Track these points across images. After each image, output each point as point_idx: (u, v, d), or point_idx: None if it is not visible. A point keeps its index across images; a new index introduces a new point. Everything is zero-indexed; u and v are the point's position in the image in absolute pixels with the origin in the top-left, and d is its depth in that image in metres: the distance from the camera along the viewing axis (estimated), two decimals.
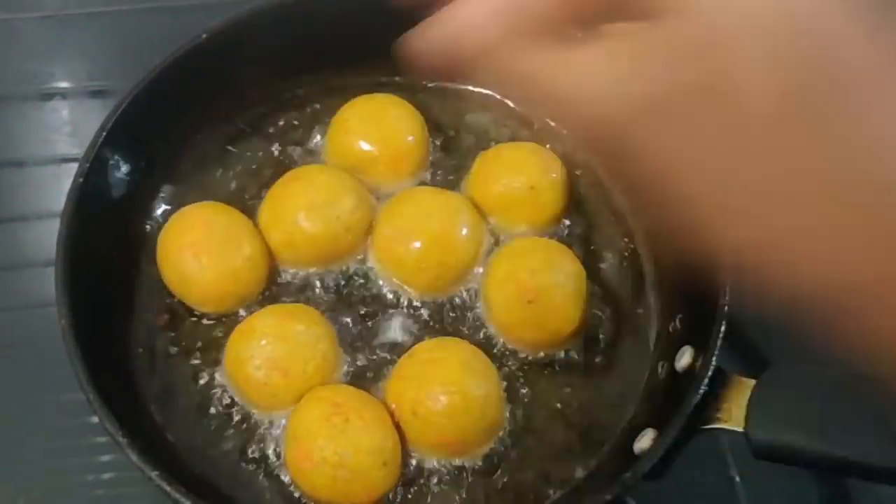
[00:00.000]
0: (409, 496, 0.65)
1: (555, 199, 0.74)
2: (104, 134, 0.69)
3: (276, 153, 0.79)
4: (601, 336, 0.72)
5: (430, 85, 0.82)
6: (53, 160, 0.94)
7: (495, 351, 0.70)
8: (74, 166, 0.90)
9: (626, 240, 0.77)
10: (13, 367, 0.79)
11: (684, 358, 0.67)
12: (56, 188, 0.91)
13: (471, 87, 0.82)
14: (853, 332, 0.36)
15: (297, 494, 0.65)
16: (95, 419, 0.72)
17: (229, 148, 0.79)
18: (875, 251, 0.35)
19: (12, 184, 0.93)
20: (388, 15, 0.75)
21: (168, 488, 0.57)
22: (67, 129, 0.96)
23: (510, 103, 0.82)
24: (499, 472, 0.67)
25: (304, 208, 0.71)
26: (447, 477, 0.66)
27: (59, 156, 0.93)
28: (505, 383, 0.68)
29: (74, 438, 0.76)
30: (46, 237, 0.85)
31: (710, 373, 0.61)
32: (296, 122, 0.81)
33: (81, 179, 0.67)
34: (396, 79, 0.82)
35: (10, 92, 0.98)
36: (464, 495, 0.65)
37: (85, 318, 0.63)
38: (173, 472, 0.59)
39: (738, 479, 0.79)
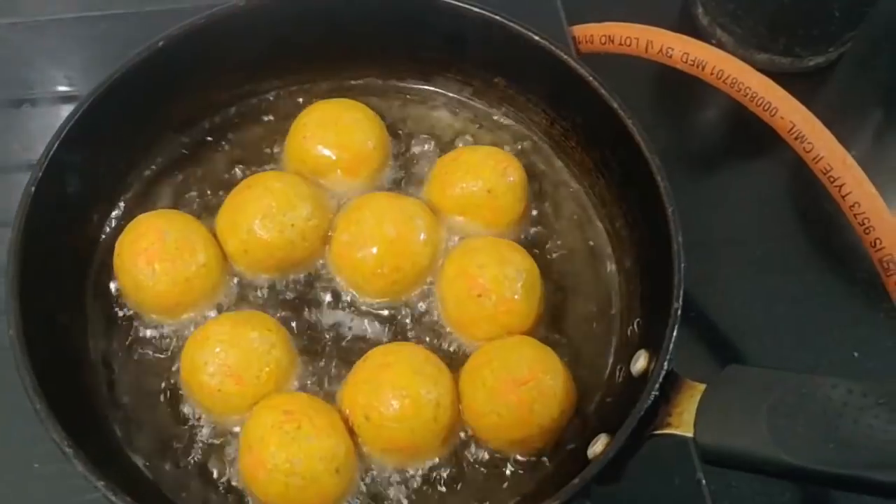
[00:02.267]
0: None
1: (512, 202, 0.74)
2: (58, 141, 0.69)
3: (236, 160, 0.78)
4: (561, 338, 0.72)
5: (393, 85, 0.82)
6: (29, 167, 0.93)
7: (453, 352, 0.70)
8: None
9: (588, 242, 0.77)
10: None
11: (639, 362, 0.67)
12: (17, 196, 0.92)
13: (433, 89, 0.82)
14: None
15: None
16: None
17: (186, 153, 0.78)
18: None
19: None
20: (352, 18, 0.77)
21: (114, 498, 0.56)
22: (38, 135, 0.96)
23: (474, 103, 0.82)
24: (455, 476, 0.66)
25: (260, 216, 0.70)
26: (406, 483, 0.66)
27: (26, 162, 0.93)
28: None
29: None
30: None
31: (661, 377, 0.61)
32: (256, 128, 0.81)
33: (34, 187, 0.67)
34: (360, 81, 0.82)
35: None
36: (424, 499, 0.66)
37: (36, 328, 0.63)
38: (123, 482, 0.58)
39: (703, 481, 0.79)
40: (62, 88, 0.99)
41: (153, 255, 0.69)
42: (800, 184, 1.04)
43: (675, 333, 0.63)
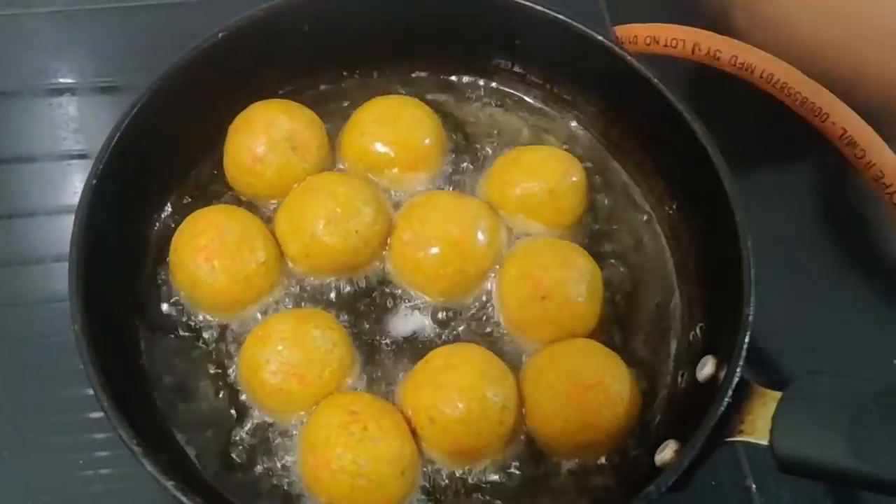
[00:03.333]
0: None
1: (574, 203, 0.73)
2: (118, 134, 0.68)
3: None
4: (621, 342, 0.71)
5: (450, 82, 0.81)
6: (61, 156, 0.93)
7: (512, 354, 0.70)
8: (81, 162, 0.90)
9: (648, 246, 0.76)
10: (20, 361, 0.78)
11: (706, 368, 0.66)
12: (64, 184, 0.90)
13: (491, 86, 0.82)
14: None
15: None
16: (94, 414, 0.72)
17: None
18: None
19: (21, 180, 0.92)
20: (410, 14, 0.76)
21: (184, 499, 0.55)
22: (74, 125, 0.95)
23: (532, 102, 0.81)
24: (519, 480, 0.65)
25: (323, 220, 0.69)
26: (464, 487, 0.65)
27: (67, 152, 0.92)
28: None
29: (78, 434, 0.75)
30: (55, 233, 0.85)
31: (734, 384, 0.60)
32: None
33: (95, 180, 0.65)
34: (416, 76, 0.82)
35: (18, 88, 0.97)
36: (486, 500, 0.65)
37: (96, 323, 0.62)
38: (187, 480, 0.57)
39: (754, 487, 0.78)
40: (100, 78, 0.98)
41: (212, 253, 0.68)
42: (838, 189, 1.04)
43: (747, 340, 0.62)
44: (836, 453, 0.56)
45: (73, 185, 0.89)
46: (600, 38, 0.75)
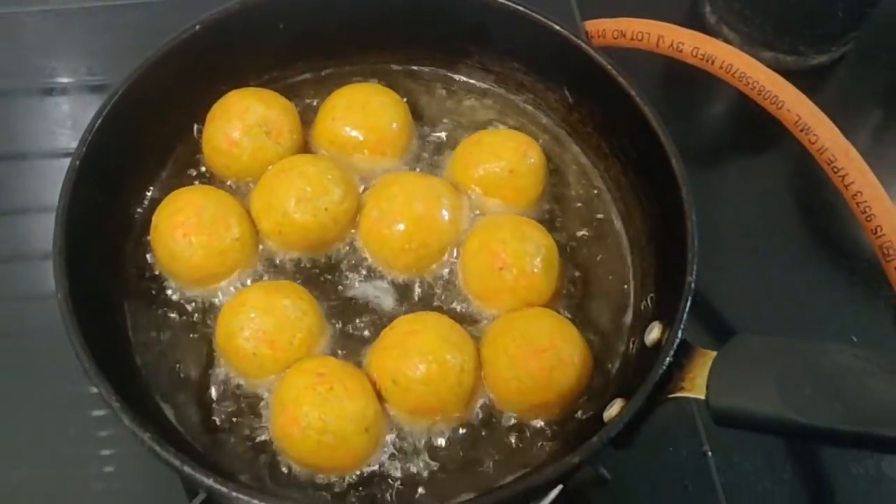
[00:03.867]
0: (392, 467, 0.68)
1: (532, 182, 0.78)
2: (100, 120, 0.72)
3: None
4: (577, 313, 0.75)
5: (417, 71, 0.86)
6: (55, 154, 0.97)
7: (473, 322, 0.74)
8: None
9: (603, 223, 0.80)
10: (11, 357, 0.82)
11: (653, 333, 0.70)
12: (57, 182, 0.95)
13: (456, 77, 0.86)
14: None
15: (283, 468, 0.68)
16: (98, 412, 0.78)
17: None
18: None
19: (14, 176, 0.96)
20: (378, 5, 0.81)
21: (160, 451, 0.59)
22: (68, 122, 0.99)
23: (496, 90, 0.86)
24: (478, 438, 0.70)
25: (294, 199, 0.74)
26: (427, 446, 0.69)
27: (61, 149, 0.96)
28: None
29: (75, 429, 0.79)
30: (49, 230, 0.88)
31: (675, 344, 0.64)
32: None
33: (78, 162, 0.70)
34: (384, 67, 0.86)
35: (12, 86, 1.01)
36: (444, 460, 0.69)
37: (80, 294, 0.66)
38: (164, 436, 0.61)
39: (710, 453, 0.83)
40: (90, 78, 1.02)
41: (190, 229, 0.72)
42: (802, 177, 1.08)
43: (688, 304, 0.66)
44: (767, 404, 0.60)
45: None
46: (560, 28, 0.79)
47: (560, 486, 0.77)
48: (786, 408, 0.59)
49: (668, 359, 0.64)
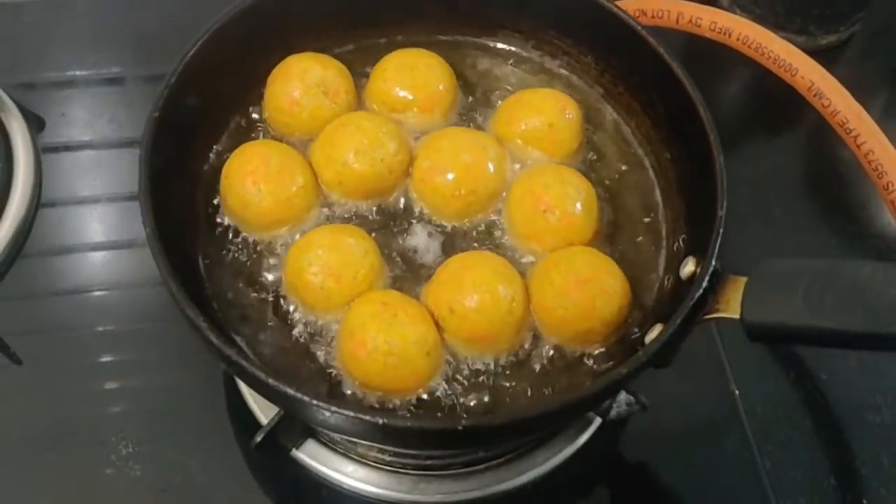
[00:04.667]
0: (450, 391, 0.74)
1: (570, 136, 0.84)
2: (174, 78, 0.79)
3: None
4: (614, 253, 0.81)
5: (460, 40, 0.93)
6: (121, 143, 1.04)
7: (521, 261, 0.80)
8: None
9: (635, 173, 0.87)
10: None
11: (687, 266, 0.76)
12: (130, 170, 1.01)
13: (495, 44, 0.93)
14: None
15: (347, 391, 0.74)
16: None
17: None
18: None
19: (88, 165, 1.03)
20: None
21: (245, 364, 0.65)
22: (135, 112, 1.04)
23: (532, 57, 0.92)
24: (526, 366, 0.76)
25: (353, 151, 0.80)
26: (481, 371, 0.75)
27: (127, 139, 1.03)
28: None
29: None
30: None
31: (710, 270, 0.70)
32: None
33: (157, 113, 0.76)
34: (430, 37, 0.93)
35: (72, 78, 1.07)
36: (501, 385, 0.75)
37: (163, 232, 0.72)
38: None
39: (737, 392, 0.89)
40: (148, 68, 1.08)
41: (259, 177, 0.78)
42: (816, 151, 1.15)
43: (720, 236, 0.72)
44: (795, 315, 0.66)
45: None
46: None
47: (599, 420, 0.84)
48: (812, 317, 0.65)
49: (703, 283, 0.70)
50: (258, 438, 0.77)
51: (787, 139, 1.18)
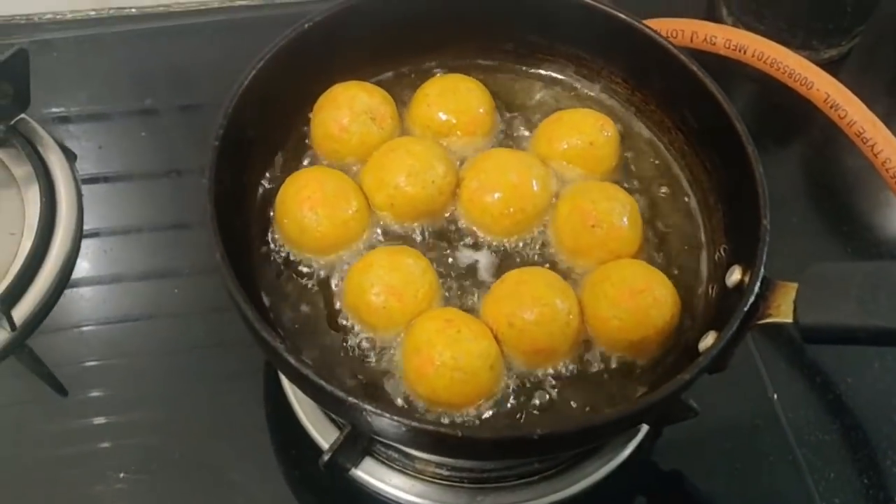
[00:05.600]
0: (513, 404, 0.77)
1: (610, 153, 0.87)
2: (230, 109, 0.80)
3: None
4: (657, 264, 0.84)
5: (496, 65, 0.96)
6: (157, 174, 1.06)
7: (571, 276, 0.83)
8: (185, 178, 1.03)
9: (672, 187, 0.90)
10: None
11: (734, 275, 0.79)
12: (175, 199, 1.02)
13: (532, 70, 0.96)
14: None
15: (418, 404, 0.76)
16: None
17: None
18: None
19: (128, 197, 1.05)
20: (460, 5, 0.91)
21: (322, 382, 0.67)
22: (170, 142, 1.07)
23: (565, 79, 0.96)
24: (584, 376, 0.78)
25: (405, 174, 0.83)
26: (540, 384, 0.78)
27: (163, 169, 1.05)
28: None
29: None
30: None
31: (760, 277, 0.73)
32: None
33: (217, 142, 0.78)
34: (467, 62, 0.96)
35: (113, 109, 1.10)
36: (559, 395, 0.77)
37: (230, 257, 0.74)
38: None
39: (775, 396, 0.92)
40: (183, 100, 1.10)
41: (316, 203, 0.80)
42: (825, 161, 1.18)
43: (767, 243, 0.75)
44: (849, 316, 0.69)
45: (181, 199, 1.02)
46: (624, 16, 0.89)
47: (646, 428, 0.86)
48: (866, 316, 0.68)
49: (755, 290, 0.73)
50: (325, 458, 0.79)
51: (796, 149, 1.22)
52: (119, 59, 1.13)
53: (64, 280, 0.95)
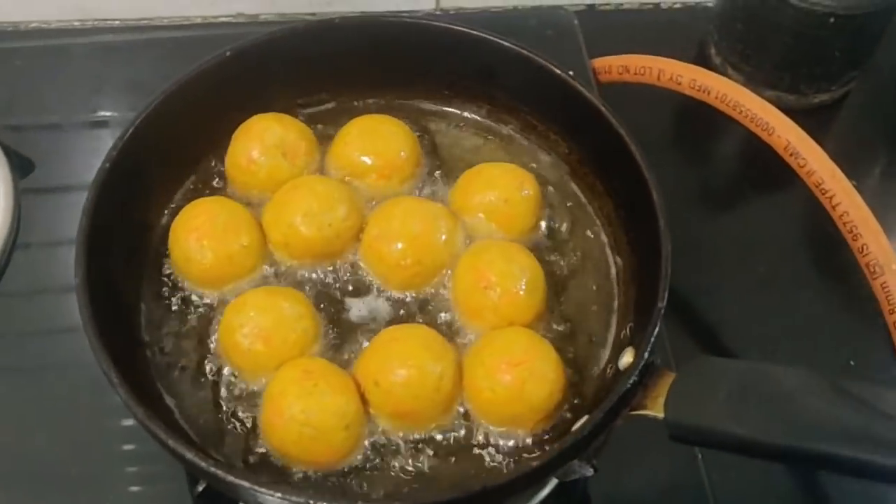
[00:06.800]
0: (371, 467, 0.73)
1: (526, 212, 0.83)
2: (131, 129, 0.79)
3: None
4: (560, 336, 0.79)
5: (429, 108, 0.93)
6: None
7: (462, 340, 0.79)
8: None
9: (593, 256, 0.85)
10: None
11: (625, 357, 0.74)
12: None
13: (465, 114, 0.93)
14: None
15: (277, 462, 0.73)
16: (129, 447, 0.83)
17: None
18: None
19: (64, 208, 1.00)
20: (394, 47, 0.88)
21: (166, 439, 0.65)
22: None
23: (500, 129, 0.92)
24: (454, 444, 0.74)
25: (302, 214, 0.80)
26: (409, 449, 0.74)
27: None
28: None
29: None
30: None
31: (639, 366, 0.68)
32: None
33: (108, 165, 0.77)
34: (400, 102, 0.93)
35: (61, 120, 1.08)
36: (421, 466, 0.73)
37: (96, 283, 0.72)
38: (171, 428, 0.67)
39: (700, 456, 0.86)
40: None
41: (203, 234, 0.78)
42: (808, 212, 1.11)
43: (656, 328, 0.70)
44: (715, 419, 0.64)
45: None
46: (560, 72, 0.85)
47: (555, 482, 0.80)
48: (732, 423, 0.63)
49: (632, 378, 0.68)
50: (199, 489, 0.75)
51: (778, 201, 1.15)
52: (85, 70, 1.12)
53: None
